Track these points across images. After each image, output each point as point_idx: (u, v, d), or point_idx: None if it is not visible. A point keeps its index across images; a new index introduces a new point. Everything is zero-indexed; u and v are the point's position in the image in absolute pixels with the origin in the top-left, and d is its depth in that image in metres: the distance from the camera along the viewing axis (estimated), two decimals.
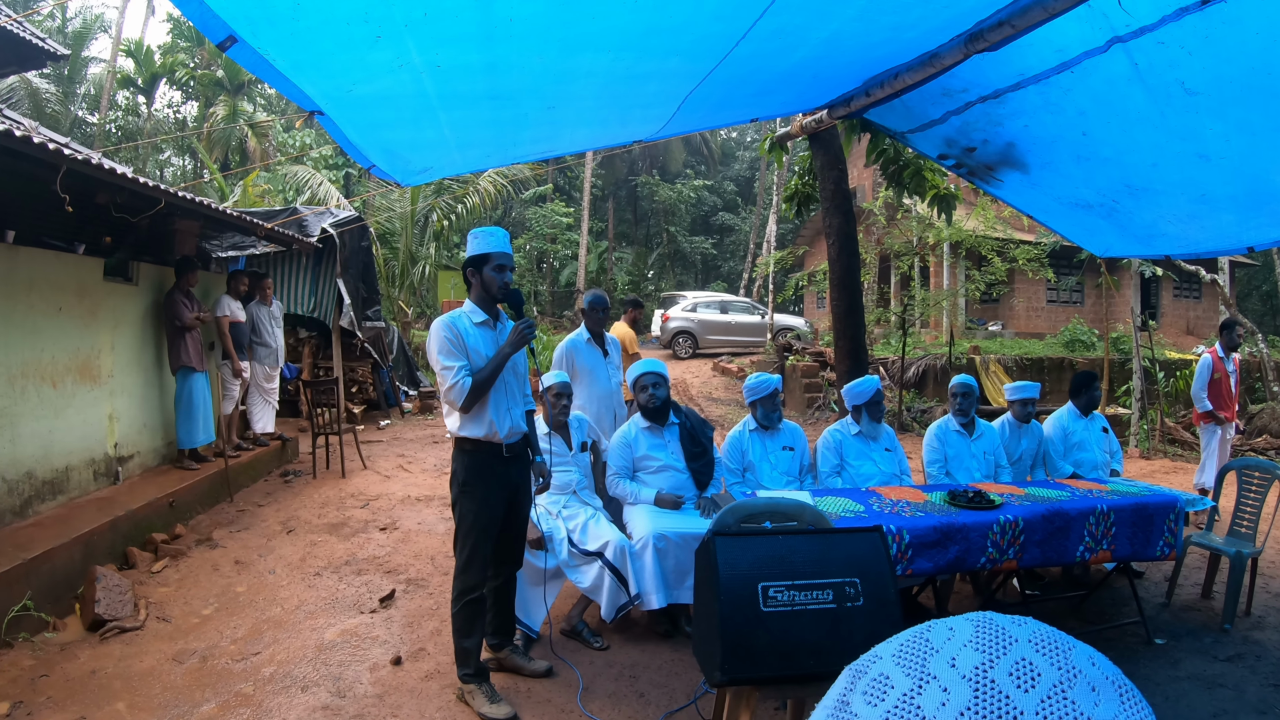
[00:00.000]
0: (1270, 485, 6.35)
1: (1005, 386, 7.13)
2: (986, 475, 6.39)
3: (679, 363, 22.39)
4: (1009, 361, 17.42)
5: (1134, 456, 13.71)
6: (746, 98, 5.76)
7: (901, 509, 4.93)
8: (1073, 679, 0.74)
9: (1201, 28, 4.21)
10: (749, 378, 6.18)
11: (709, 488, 5.78)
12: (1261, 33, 4.19)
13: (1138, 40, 4.44)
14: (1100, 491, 5.64)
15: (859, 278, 7.44)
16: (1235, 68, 4.58)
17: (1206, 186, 6.06)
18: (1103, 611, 6.23)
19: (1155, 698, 4.88)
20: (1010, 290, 22.22)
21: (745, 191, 45.16)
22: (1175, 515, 5.51)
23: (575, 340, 6.47)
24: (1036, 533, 5.00)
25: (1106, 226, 7.31)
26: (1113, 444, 7.08)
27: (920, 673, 0.74)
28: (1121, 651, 5.50)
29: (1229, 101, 4.93)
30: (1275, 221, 6.52)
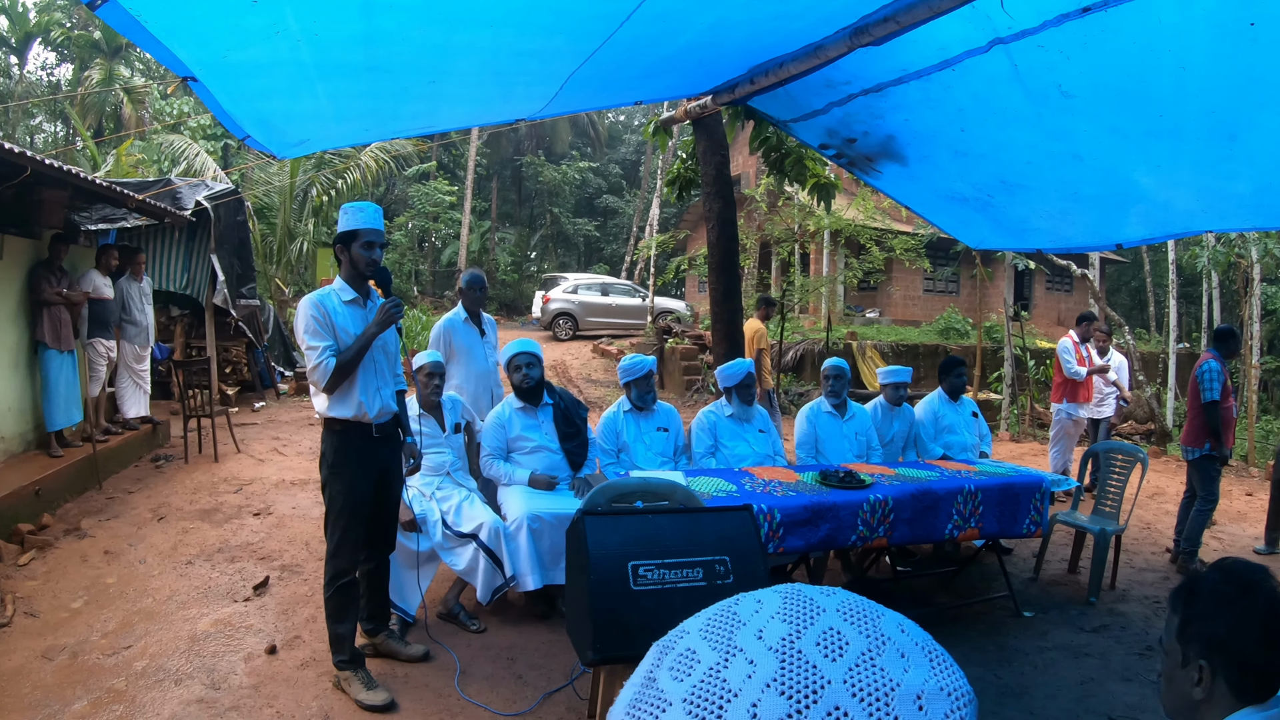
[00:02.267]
0: (1133, 467, 6.70)
1: (878, 371, 7.33)
2: (858, 456, 6.53)
3: (559, 344, 22.26)
4: (885, 347, 17.83)
5: (1004, 440, 14.21)
6: (631, 80, 5.75)
7: (774, 489, 5.02)
8: (881, 646, 0.76)
9: (1081, 34, 4.37)
10: (623, 359, 6.21)
11: (583, 468, 5.80)
12: (1138, 41, 4.36)
13: (1019, 42, 4.57)
14: (968, 472, 5.84)
15: (737, 262, 7.51)
16: (1110, 74, 4.76)
17: (1078, 185, 6.28)
18: (973, 586, 6.48)
19: (1024, 667, 5.09)
20: (888, 279, 22.69)
21: (630, 175, 45.07)
22: (1040, 495, 5.76)
23: (452, 320, 6.39)
24: (906, 511, 5.16)
25: (981, 220, 7.52)
26: (982, 427, 7.34)
27: (727, 646, 0.74)
28: (991, 624, 5.73)
29: (1103, 105, 5.13)
30: (1142, 221, 6.81)
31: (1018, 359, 16.45)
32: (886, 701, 0.71)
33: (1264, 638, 1.72)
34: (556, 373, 17.70)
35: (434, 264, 35.46)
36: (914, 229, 18.18)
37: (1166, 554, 7.63)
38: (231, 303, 12.35)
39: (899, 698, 0.72)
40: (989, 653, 5.28)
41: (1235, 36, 4.20)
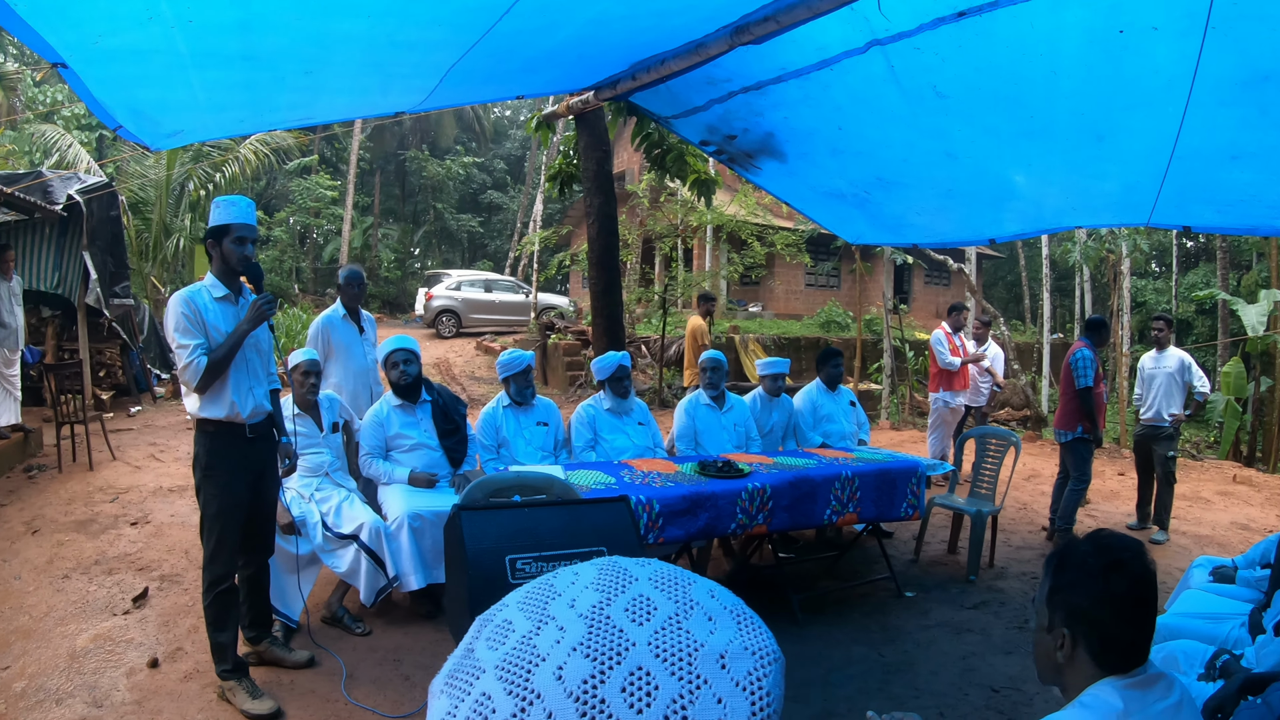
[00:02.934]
0: (1006, 450, 6.98)
1: (757, 363, 7.45)
2: (738, 446, 6.62)
3: (443, 342, 22.08)
4: (767, 340, 18.07)
5: (885, 428, 14.55)
6: (512, 74, 5.73)
7: (652, 480, 5.08)
8: (689, 611, 0.79)
9: (956, 37, 4.51)
10: (502, 354, 6.19)
11: (463, 465, 5.76)
12: (1011, 45, 4.52)
13: (896, 44, 4.69)
14: (846, 459, 5.99)
15: (617, 257, 7.55)
16: (984, 76, 4.92)
17: (953, 183, 6.47)
18: (855, 570, 6.64)
19: (908, 645, 5.23)
20: (770, 273, 23.02)
21: (515, 170, 44.66)
22: (917, 479, 5.97)
23: (330, 317, 6.28)
24: (784, 498, 5.27)
25: (859, 215, 7.69)
26: (860, 416, 7.54)
27: (540, 615, 0.77)
28: (875, 605, 5.88)
29: (977, 106, 5.30)
30: (1015, 217, 7.06)
31: (897, 350, 16.87)
32: (690, 661, 0.74)
33: (1125, 614, 1.79)
34: (440, 370, 17.54)
35: (315, 261, 34.61)
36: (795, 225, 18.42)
37: (1043, 532, 7.99)
38: (105, 303, 11.89)
39: (702, 657, 0.75)
40: (873, 632, 5.41)
41: (1105, 43, 4.39)
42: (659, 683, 0.73)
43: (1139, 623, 1.81)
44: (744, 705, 0.74)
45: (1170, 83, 4.64)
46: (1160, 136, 5.17)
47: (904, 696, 4.57)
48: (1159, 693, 1.81)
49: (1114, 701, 1.76)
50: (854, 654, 5.08)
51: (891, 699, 4.53)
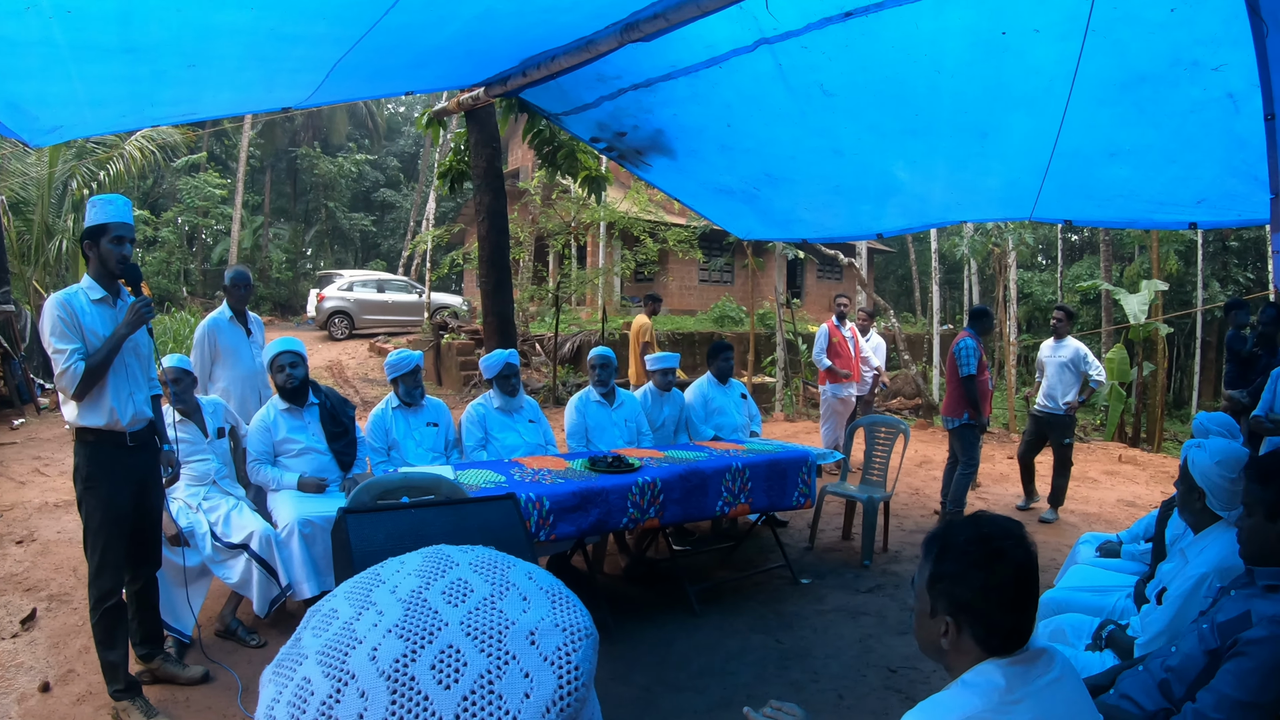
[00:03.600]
0: (896, 438, 7.12)
1: (646, 358, 7.48)
2: (629, 442, 6.65)
3: (335, 344, 21.69)
4: (661, 336, 18.09)
5: (779, 420, 14.77)
6: (401, 69, 5.66)
7: (543, 477, 5.07)
8: (504, 592, 0.82)
9: (842, 37, 4.61)
10: (390, 354, 6.11)
11: (353, 468, 5.66)
12: (896, 46, 4.64)
13: (783, 43, 4.77)
14: (737, 451, 6.06)
15: (508, 255, 7.52)
16: (870, 75, 5.03)
17: (840, 179, 6.59)
18: (751, 559, 6.72)
19: (805, 631, 5.32)
20: (663, 270, 23.12)
21: (409, 168, 44.06)
22: (808, 468, 6.08)
23: (217, 319, 6.13)
24: (675, 491, 5.32)
25: (748, 211, 7.79)
26: (751, 408, 7.60)
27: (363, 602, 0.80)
28: (771, 593, 5.96)
29: (862, 104, 5.41)
30: (901, 212, 7.22)
31: (790, 344, 17.13)
32: (500, 639, 0.77)
33: (1008, 602, 1.83)
34: (333, 373, 17.24)
35: (204, 262, 33.54)
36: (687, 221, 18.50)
37: (935, 515, 8.23)
38: None
39: (512, 635, 0.78)
40: (770, 620, 5.48)
41: (988, 44, 4.53)
42: (468, 659, 0.76)
43: (1022, 608, 1.85)
44: (550, 679, 0.77)
45: (1051, 83, 4.80)
46: (1041, 134, 5.35)
47: (802, 681, 4.64)
48: (1041, 668, 1.86)
49: (997, 680, 1.81)
50: (751, 642, 5.13)
51: (790, 685, 4.60)
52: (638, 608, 5.63)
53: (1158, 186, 5.83)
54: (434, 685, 0.74)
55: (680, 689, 4.49)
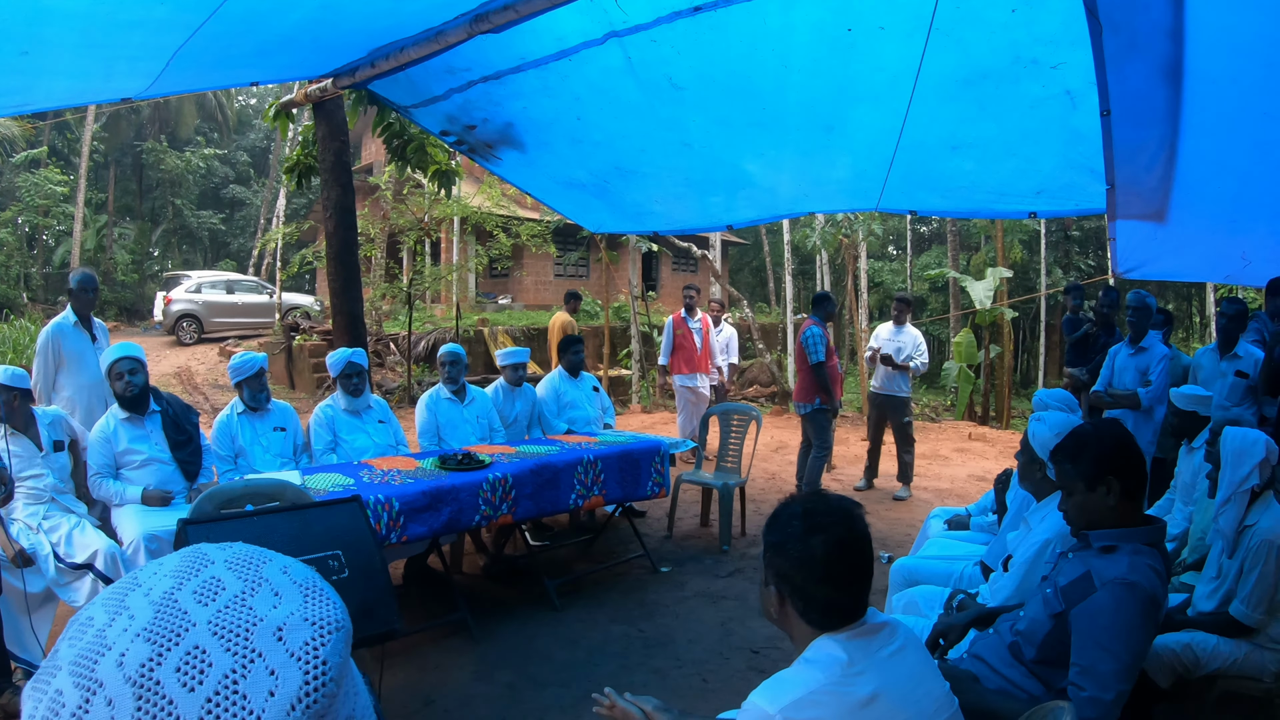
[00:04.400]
0: (748, 424, 7.27)
1: (497, 353, 7.42)
2: (481, 439, 6.57)
3: (184, 349, 20.78)
4: (517, 332, 18.02)
5: (636, 411, 14.91)
6: (245, 58, 5.48)
7: (392, 478, 4.97)
8: (256, 588, 0.82)
9: (691, 31, 4.66)
10: (233, 358, 5.90)
11: (199, 478, 5.40)
12: (744, 40, 4.71)
13: (633, 36, 4.79)
14: (589, 443, 6.09)
15: (356, 252, 7.36)
16: (717, 68, 5.10)
17: (689, 171, 6.67)
18: (611, 551, 6.77)
19: (667, 618, 5.39)
20: (518, 265, 22.93)
21: (260, 163, 42.32)
22: (660, 458, 6.17)
23: (60, 325, 5.87)
24: (527, 486, 5.30)
25: (599, 205, 7.83)
26: (604, 400, 7.66)
27: (118, 607, 0.78)
28: (632, 583, 6.02)
29: (711, 97, 5.48)
30: (750, 204, 7.35)
31: (645, 336, 17.26)
32: (247, 636, 0.76)
33: (824, 576, 1.88)
34: (182, 380, 16.61)
35: (45, 265, 31.86)
36: (540, 215, 18.41)
37: None
38: None
39: (259, 632, 0.77)
40: (632, 610, 5.53)
41: (834, 40, 4.64)
42: (213, 660, 0.74)
43: (840, 584, 1.89)
44: (297, 675, 0.76)
45: (895, 79, 4.96)
46: (886, 128, 5.53)
47: (666, 668, 4.69)
48: (882, 640, 1.92)
49: (838, 654, 1.85)
50: (613, 633, 5.17)
51: (654, 672, 4.64)
52: (498, 606, 5.59)
53: (999, 178, 6.09)
54: (178, 688, 0.72)
55: (545, 685, 4.48)
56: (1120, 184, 4.77)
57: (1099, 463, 2.58)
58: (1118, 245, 6.18)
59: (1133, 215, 5.55)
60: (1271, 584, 3.51)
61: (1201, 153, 4.82)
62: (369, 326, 15.25)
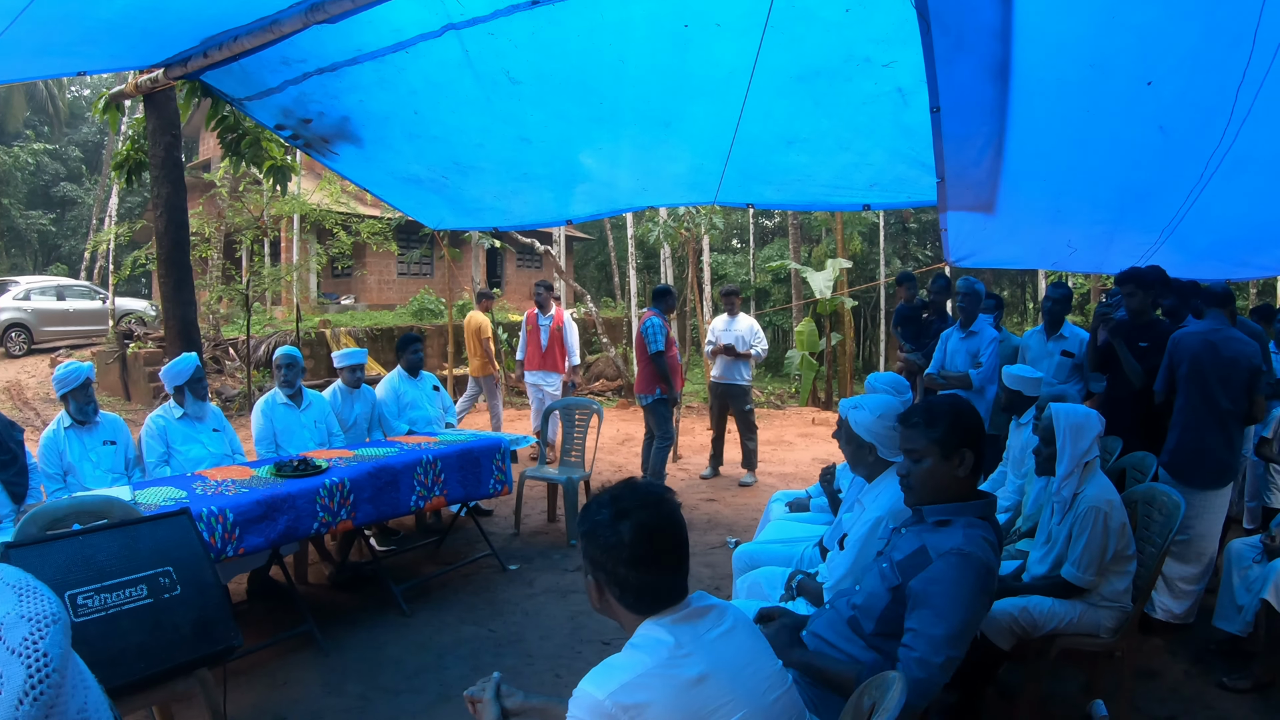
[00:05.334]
0: (590, 418, 7.32)
1: (334, 355, 7.18)
2: (320, 444, 6.38)
3: (13, 362, 19.41)
4: (359, 333, 17.62)
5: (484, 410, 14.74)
6: (71, 46, 5.21)
7: (226, 488, 4.74)
8: None
9: (529, 25, 4.67)
10: (57, 368, 5.59)
11: (26, 498, 5.10)
12: (582, 35, 4.74)
13: (471, 29, 4.77)
14: (428, 443, 6.00)
15: (188, 253, 7.07)
16: (555, 63, 5.11)
17: (527, 166, 6.67)
18: (459, 551, 6.69)
19: (517, 616, 5.37)
20: (360, 264, 22.60)
21: (93, 158, 39.77)
22: (501, 455, 6.16)
23: None
24: (365, 490, 5.17)
25: (438, 201, 7.75)
26: (445, 400, 7.55)
27: None
28: (481, 583, 5.97)
29: (548, 92, 5.49)
30: (588, 199, 7.45)
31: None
32: None
33: (634, 560, 1.91)
34: (11, 396, 15.58)
35: None
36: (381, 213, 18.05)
37: None
38: None
39: None
40: (481, 610, 5.49)
41: (671, 36, 4.71)
42: None
43: (652, 567, 1.93)
44: (20, 669, 0.77)
45: (732, 74, 5.05)
46: (723, 123, 5.63)
47: (518, 666, 4.68)
48: (710, 622, 1.96)
49: (664, 638, 1.89)
50: (464, 634, 5.12)
51: (507, 671, 4.53)
52: (346, 615, 5.45)
53: (833, 172, 6.27)
54: None
55: (397, 692, 4.42)
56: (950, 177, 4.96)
57: (959, 433, 2.66)
58: (949, 235, 6.45)
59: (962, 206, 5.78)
60: (1100, 548, 3.74)
61: (1027, 147, 5.06)
62: (206, 331, 14.71)
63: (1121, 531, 3.80)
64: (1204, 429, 5.17)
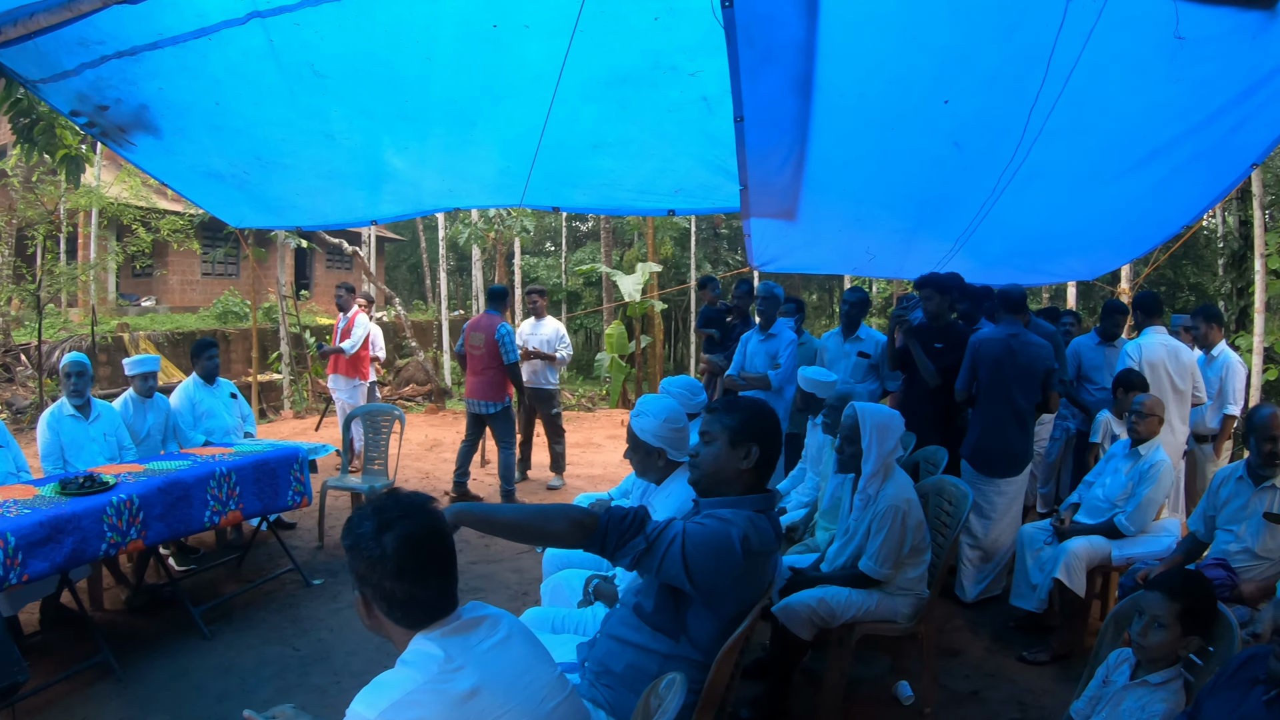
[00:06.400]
0: (392, 424, 7.24)
1: (124, 362, 6.78)
2: (110, 458, 6.01)
3: None
4: (160, 337, 16.77)
5: (289, 418, 14.40)
6: None
7: (6, 509, 4.38)
8: None
9: (336, 17, 4.53)
10: None
11: None
12: (389, 30, 4.69)
13: (276, 18, 4.59)
14: (223, 455, 5.76)
15: None
16: (361, 57, 5.01)
17: (332, 164, 6.50)
18: (261, 567, 6.45)
19: (322, 632, 5.24)
20: (162, 263, 21.66)
21: None
22: (299, 465, 6.00)
23: None
24: (156, 507, 4.91)
25: (240, 197, 7.42)
26: (243, 408, 7.29)
27: None
28: (284, 600, 5.80)
29: (354, 87, 5.36)
30: (395, 199, 7.37)
31: (297, 338, 16.58)
32: None
33: (399, 572, 1.89)
34: None
35: None
36: (183, 209, 17.10)
37: (445, 497, 8.32)
38: None
39: None
40: (285, 628, 5.33)
41: (479, 35, 4.67)
42: None
43: (417, 578, 1.91)
44: None
45: (540, 77, 5.05)
46: (530, 125, 5.64)
47: (325, 685, 4.57)
48: (483, 633, 1.97)
49: (434, 652, 1.88)
50: (268, 655, 4.95)
51: (313, 690, 4.52)
52: (145, 641, 5.16)
53: (639, 177, 6.38)
54: None
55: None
56: (752, 185, 5.11)
57: (748, 426, 2.74)
58: (753, 241, 6.66)
59: (765, 214, 5.97)
60: (897, 543, 3.98)
61: (829, 158, 5.25)
62: None
63: (918, 528, 4.05)
64: (1003, 424, 5.67)
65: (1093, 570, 4.96)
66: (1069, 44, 4.23)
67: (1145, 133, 5.22)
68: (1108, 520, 5.05)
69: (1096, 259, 8.12)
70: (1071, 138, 5.13)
